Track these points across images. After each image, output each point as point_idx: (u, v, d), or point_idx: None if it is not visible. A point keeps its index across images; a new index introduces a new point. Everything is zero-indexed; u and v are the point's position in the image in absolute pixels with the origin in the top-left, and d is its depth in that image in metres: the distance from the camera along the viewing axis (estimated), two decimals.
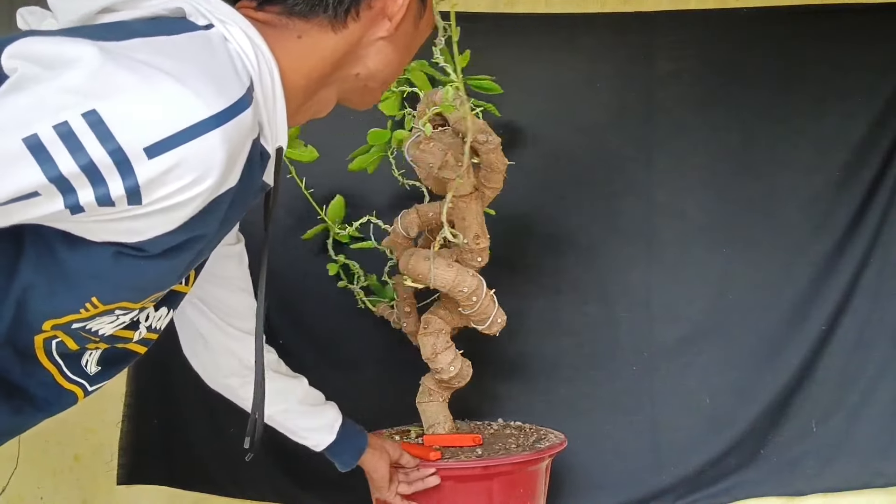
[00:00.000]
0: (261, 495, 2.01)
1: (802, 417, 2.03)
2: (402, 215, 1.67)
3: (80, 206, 0.68)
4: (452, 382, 1.66)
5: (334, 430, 1.42)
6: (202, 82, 0.70)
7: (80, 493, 2.03)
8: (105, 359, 0.95)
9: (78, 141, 0.66)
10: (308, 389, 1.41)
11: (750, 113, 2.06)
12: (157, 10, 0.79)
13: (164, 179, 0.69)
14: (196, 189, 0.71)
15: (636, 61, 2.05)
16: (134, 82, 0.67)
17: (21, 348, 0.85)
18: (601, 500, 2.03)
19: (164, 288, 0.88)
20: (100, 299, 0.81)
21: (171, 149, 0.68)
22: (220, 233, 0.86)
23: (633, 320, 2.07)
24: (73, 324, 0.83)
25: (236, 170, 0.75)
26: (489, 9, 2.09)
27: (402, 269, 1.60)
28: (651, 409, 2.05)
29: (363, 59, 0.90)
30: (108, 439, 2.01)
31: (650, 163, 2.06)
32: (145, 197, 0.69)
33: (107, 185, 0.68)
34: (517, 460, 1.59)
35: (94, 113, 0.66)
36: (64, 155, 0.66)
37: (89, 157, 0.66)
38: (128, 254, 0.76)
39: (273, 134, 0.82)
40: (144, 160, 0.67)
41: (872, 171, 2.03)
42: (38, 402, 0.91)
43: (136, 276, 0.79)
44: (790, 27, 2.05)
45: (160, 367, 1.98)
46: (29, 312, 0.81)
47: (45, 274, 0.78)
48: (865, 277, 2.03)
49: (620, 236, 2.07)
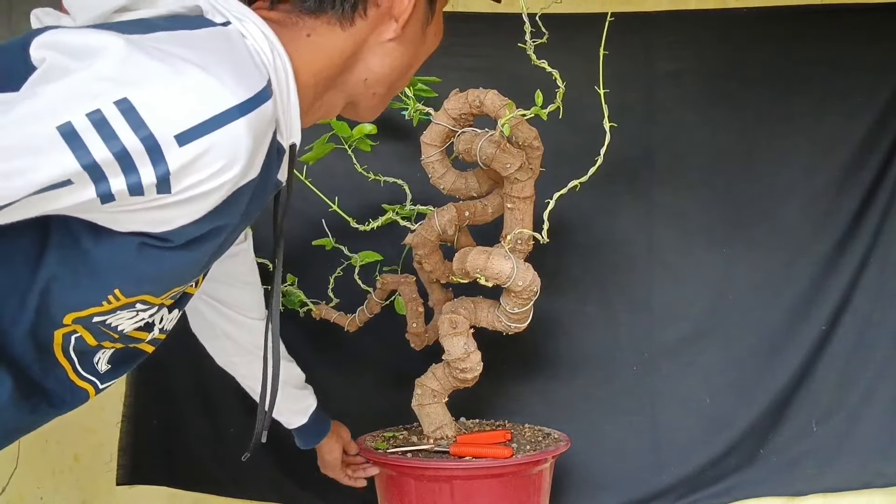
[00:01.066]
0: (261, 495, 2.01)
1: (802, 417, 2.03)
2: (439, 213, 1.67)
3: (111, 195, 0.69)
4: (468, 382, 1.68)
5: (307, 414, 1.53)
6: (227, 72, 0.71)
7: (80, 493, 2.03)
8: (116, 358, 0.96)
9: (111, 128, 0.67)
10: (298, 374, 1.52)
11: (750, 113, 2.06)
12: (175, 8, 0.80)
13: (193, 167, 0.70)
14: (223, 178, 0.72)
15: (636, 61, 2.05)
16: (163, 71, 0.68)
17: (41, 342, 0.86)
18: (601, 500, 2.03)
19: (185, 281, 0.89)
20: (122, 292, 0.82)
21: (201, 136, 0.69)
22: (240, 226, 0.87)
23: (633, 320, 2.07)
24: (95, 317, 0.85)
25: (258, 161, 0.76)
26: (489, 9, 2.09)
27: (459, 265, 1.60)
28: (651, 409, 2.05)
29: (370, 62, 0.91)
30: (108, 439, 2.01)
31: (650, 163, 2.06)
32: (174, 185, 0.70)
33: (138, 173, 0.68)
34: (522, 461, 1.59)
35: (125, 101, 0.67)
36: (97, 142, 0.67)
37: (122, 145, 0.67)
38: (152, 244, 0.77)
39: (287, 130, 0.83)
40: (175, 147, 0.68)
41: (872, 172, 2.03)
42: (53, 400, 0.92)
43: (159, 267, 0.81)
44: (790, 27, 2.05)
45: (160, 368, 1.98)
46: (52, 304, 0.82)
47: (70, 265, 0.79)
48: (865, 277, 2.03)
49: (620, 236, 2.07)
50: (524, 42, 1.51)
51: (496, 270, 1.54)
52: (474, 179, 1.67)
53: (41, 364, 0.88)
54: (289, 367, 1.49)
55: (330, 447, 1.62)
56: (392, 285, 1.81)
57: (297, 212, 1.92)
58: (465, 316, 1.67)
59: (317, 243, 1.84)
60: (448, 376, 1.68)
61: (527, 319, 1.65)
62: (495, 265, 1.54)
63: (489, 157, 1.56)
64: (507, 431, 1.74)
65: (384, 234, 1.84)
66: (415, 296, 1.80)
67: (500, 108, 1.54)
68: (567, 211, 2.05)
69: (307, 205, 1.86)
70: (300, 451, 1.58)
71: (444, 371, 1.69)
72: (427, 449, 1.66)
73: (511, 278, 1.54)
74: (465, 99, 1.59)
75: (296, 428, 1.55)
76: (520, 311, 1.61)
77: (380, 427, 1.83)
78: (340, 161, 1.81)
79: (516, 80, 2.00)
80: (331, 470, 1.66)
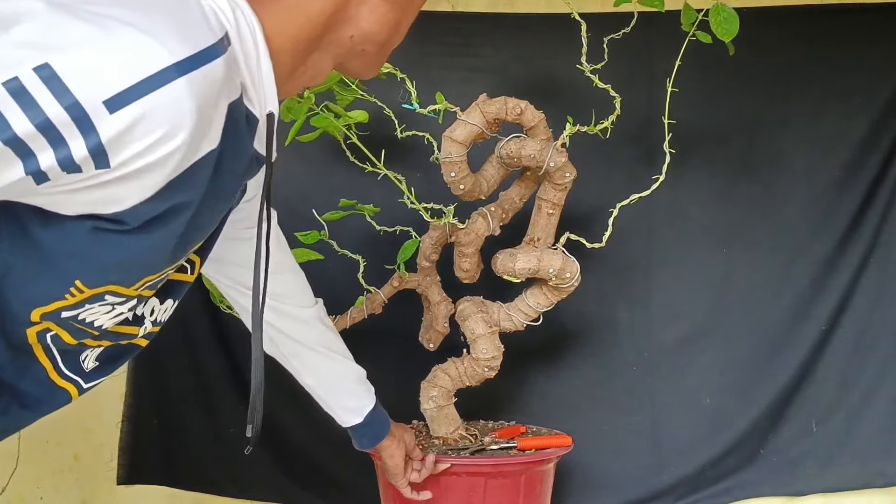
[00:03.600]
0: (261, 495, 2.01)
1: (802, 417, 2.03)
2: (492, 214, 1.69)
3: (42, 173, 0.64)
4: (485, 378, 1.71)
5: (363, 413, 1.42)
6: (165, 30, 0.66)
7: (80, 493, 2.03)
8: (105, 355, 0.92)
9: (31, 97, 0.61)
10: (360, 371, 1.41)
11: (750, 113, 2.06)
12: None
13: (129, 136, 0.64)
14: (167, 146, 0.66)
15: (636, 61, 2.05)
16: (89, 33, 0.63)
17: (13, 341, 0.81)
18: (601, 500, 2.03)
19: (155, 269, 0.82)
20: (84, 282, 0.77)
21: (134, 101, 0.63)
22: (217, 205, 0.81)
23: (633, 320, 2.07)
24: (62, 312, 0.79)
25: (213, 129, 0.70)
26: (489, 9, 2.09)
27: (506, 265, 1.64)
28: (651, 409, 2.05)
29: (355, 19, 0.84)
30: (108, 439, 2.01)
31: (650, 163, 2.06)
32: (112, 158, 0.65)
33: (68, 146, 0.63)
34: (526, 461, 1.61)
35: (46, 67, 0.62)
36: (16, 113, 0.61)
37: (45, 115, 0.62)
38: (106, 228, 0.71)
39: (260, 98, 0.78)
40: (105, 115, 0.63)
41: (872, 172, 2.03)
42: (27, 401, 0.87)
43: (118, 253, 0.75)
44: (790, 27, 2.05)
45: (160, 368, 1.98)
46: (13, 300, 0.77)
47: (22, 256, 0.74)
48: (865, 277, 2.03)
49: (620, 236, 2.06)
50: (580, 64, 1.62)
51: (557, 267, 1.63)
52: (485, 182, 1.69)
53: (15, 364, 0.83)
54: (352, 365, 1.40)
55: (390, 452, 1.49)
56: (411, 285, 1.80)
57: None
58: (491, 315, 1.70)
59: (300, 235, 1.80)
60: (463, 375, 1.69)
61: (540, 317, 1.71)
62: (555, 263, 1.63)
63: (556, 166, 1.61)
64: (521, 426, 1.76)
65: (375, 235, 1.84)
66: (444, 296, 1.80)
67: (538, 121, 1.62)
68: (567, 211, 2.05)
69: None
70: (300, 451, 1.58)
71: (459, 370, 1.69)
72: (478, 449, 1.66)
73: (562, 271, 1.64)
74: (503, 104, 1.61)
75: (350, 427, 1.45)
76: (546, 307, 1.71)
77: None
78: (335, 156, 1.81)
79: (516, 80, 2.02)
80: (392, 477, 1.53)
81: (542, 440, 1.69)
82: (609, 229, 1.62)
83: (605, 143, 2.02)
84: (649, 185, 1.67)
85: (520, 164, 1.64)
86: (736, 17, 1.52)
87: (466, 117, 1.60)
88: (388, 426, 1.48)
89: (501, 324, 1.70)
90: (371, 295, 1.81)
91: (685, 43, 1.59)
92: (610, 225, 1.61)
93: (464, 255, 1.70)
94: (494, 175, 1.70)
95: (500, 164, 1.69)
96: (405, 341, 1.90)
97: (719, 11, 1.51)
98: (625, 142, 2.04)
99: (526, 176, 1.73)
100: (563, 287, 1.66)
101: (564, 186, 1.65)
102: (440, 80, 1.88)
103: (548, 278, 1.64)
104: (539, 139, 1.63)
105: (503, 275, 1.67)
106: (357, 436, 1.47)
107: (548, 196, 1.67)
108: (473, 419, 1.87)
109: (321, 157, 1.97)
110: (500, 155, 1.67)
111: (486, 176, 1.69)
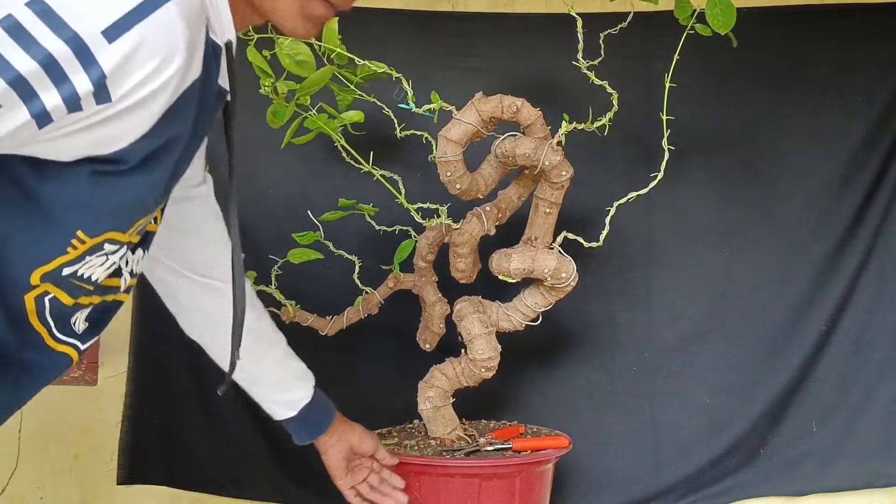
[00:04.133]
0: (261, 495, 2.01)
1: (802, 417, 2.03)
2: (486, 214, 1.69)
3: (47, 114, 0.63)
4: (481, 379, 1.70)
5: (297, 407, 1.36)
6: None
7: (80, 493, 2.03)
8: (93, 315, 0.91)
9: (28, 34, 0.60)
10: (286, 352, 1.34)
11: (750, 112, 2.06)
12: None
13: (129, 66, 0.64)
14: (165, 73, 0.66)
15: (636, 61, 2.05)
16: None
17: (13, 312, 0.80)
18: (601, 500, 2.02)
19: (149, 209, 0.82)
20: (85, 232, 0.76)
21: (131, 27, 0.63)
22: (192, 142, 0.81)
23: (633, 320, 2.06)
24: (64, 269, 0.78)
25: (198, 56, 0.70)
26: (489, 9, 2.09)
27: (501, 265, 1.64)
28: (651, 409, 2.04)
29: None
30: (108, 439, 2.01)
31: (650, 162, 2.06)
32: (114, 91, 0.64)
33: (71, 82, 0.62)
34: (522, 462, 1.60)
35: (39, 1, 0.61)
36: (16, 52, 0.60)
37: (46, 50, 0.61)
38: (104, 171, 0.71)
39: (219, 25, 0.77)
40: (105, 45, 0.62)
41: (872, 171, 2.03)
42: (33, 371, 0.87)
43: (117, 196, 0.74)
44: (790, 27, 2.05)
45: (159, 367, 1.98)
46: (14, 264, 0.76)
47: (21, 215, 0.73)
48: (866, 277, 2.03)
49: (620, 236, 2.06)
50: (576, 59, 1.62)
51: (552, 267, 1.62)
52: (482, 181, 1.68)
53: (15, 336, 0.82)
54: (277, 339, 1.33)
55: (324, 449, 1.42)
56: (406, 285, 1.79)
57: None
58: (488, 315, 1.70)
59: (297, 237, 1.78)
60: (461, 375, 1.69)
61: (539, 316, 1.71)
62: (550, 263, 1.62)
63: (551, 164, 1.59)
64: (521, 426, 1.75)
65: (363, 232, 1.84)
66: (440, 296, 1.79)
67: (535, 119, 1.60)
68: (567, 211, 2.05)
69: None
70: (300, 451, 1.57)
71: (457, 370, 1.69)
72: (472, 450, 1.66)
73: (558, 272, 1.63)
74: (498, 103, 1.60)
75: (283, 420, 1.38)
76: (544, 306, 1.70)
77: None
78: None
79: (516, 80, 2.02)
80: (332, 477, 1.45)
81: (538, 441, 1.68)
82: (606, 228, 1.61)
83: (605, 143, 2.02)
84: (648, 184, 1.67)
85: (515, 162, 1.64)
86: (733, 8, 1.51)
87: (462, 116, 1.60)
88: (330, 421, 1.40)
89: (500, 324, 1.70)
90: (367, 296, 1.80)
91: (683, 37, 1.58)
92: (607, 224, 1.61)
93: (459, 256, 1.70)
94: (492, 174, 1.70)
95: (498, 164, 1.69)
96: (403, 342, 1.90)
97: (716, 3, 1.50)
98: (625, 141, 2.05)
99: (524, 175, 1.73)
100: (560, 287, 1.66)
101: (561, 185, 1.64)
102: (440, 80, 1.88)
103: (543, 278, 1.64)
104: (534, 137, 1.62)
105: (498, 275, 1.67)
106: (293, 430, 1.41)
107: (545, 195, 1.66)
108: (473, 419, 1.87)
109: (320, 156, 1.97)
110: (496, 154, 1.67)
111: (484, 175, 1.69)
